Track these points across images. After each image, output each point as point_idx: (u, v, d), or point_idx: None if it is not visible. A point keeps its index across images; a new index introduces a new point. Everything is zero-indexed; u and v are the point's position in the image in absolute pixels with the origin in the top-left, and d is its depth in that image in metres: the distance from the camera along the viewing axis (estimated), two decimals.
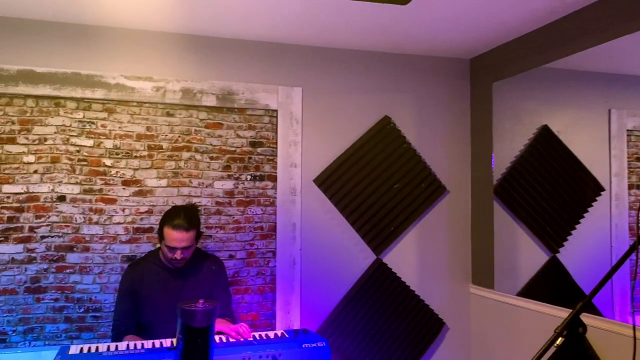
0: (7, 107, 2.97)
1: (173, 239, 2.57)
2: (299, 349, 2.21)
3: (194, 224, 2.64)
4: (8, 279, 2.93)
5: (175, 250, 2.60)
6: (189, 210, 2.70)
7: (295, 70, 3.45)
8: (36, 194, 2.99)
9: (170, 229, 2.58)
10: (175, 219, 2.59)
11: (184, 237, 2.58)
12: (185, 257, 2.63)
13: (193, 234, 2.62)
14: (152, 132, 3.20)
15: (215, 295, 2.68)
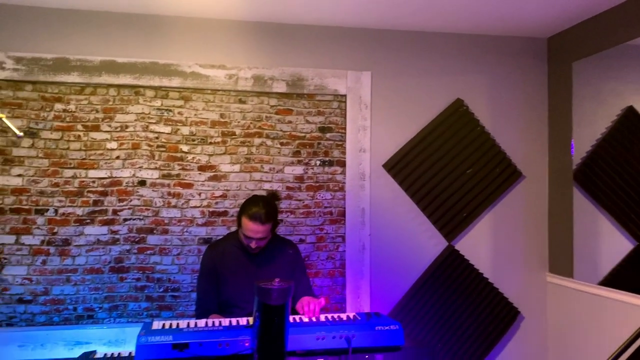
0: (92, 96, 3.14)
1: (249, 229, 2.60)
2: (372, 331, 2.20)
3: (270, 217, 2.63)
4: (94, 259, 3.12)
5: (250, 239, 2.63)
6: (267, 202, 2.69)
7: (364, 54, 3.42)
8: (119, 179, 3.15)
9: (247, 220, 2.59)
10: (253, 209, 2.59)
11: (260, 230, 2.60)
12: (260, 246, 2.66)
13: (269, 227, 2.63)
14: (225, 118, 3.28)
15: (297, 278, 2.71)
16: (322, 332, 2.16)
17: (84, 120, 3.12)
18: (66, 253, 3.09)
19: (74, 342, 3.02)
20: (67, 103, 3.11)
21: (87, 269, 3.10)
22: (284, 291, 1.88)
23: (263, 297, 1.89)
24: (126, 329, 3.08)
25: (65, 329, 3.03)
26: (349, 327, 2.21)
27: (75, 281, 3.09)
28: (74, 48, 3.09)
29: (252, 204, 2.64)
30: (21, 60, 3.02)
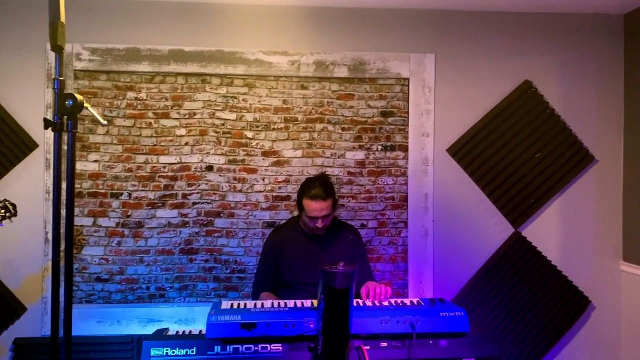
0: (162, 84, 3.26)
1: (313, 209, 2.65)
2: (436, 317, 2.19)
3: (330, 192, 2.70)
4: (166, 241, 3.26)
5: (316, 219, 2.68)
6: (323, 180, 2.76)
7: (428, 37, 3.36)
8: (188, 164, 3.26)
9: (309, 201, 2.65)
10: (312, 190, 2.66)
11: (323, 207, 2.65)
12: (326, 224, 2.70)
13: (331, 202, 2.68)
14: (288, 105, 3.32)
15: (358, 263, 2.74)
16: (386, 317, 2.18)
17: (155, 108, 3.25)
18: (139, 235, 3.25)
19: (147, 319, 3.18)
20: (138, 92, 3.24)
21: (159, 251, 3.25)
22: (349, 275, 1.90)
23: (328, 280, 1.92)
24: (195, 308, 3.21)
25: (139, 307, 3.21)
26: (413, 313, 2.21)
27: (148, 262, 3.25)
28: (144, 38, 3.21)
29: (309, 186, 2.70)
30: (96, 51, 3.17)
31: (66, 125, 1.42)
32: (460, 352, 2.23)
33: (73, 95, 1.41)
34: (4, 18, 3.13)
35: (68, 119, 1.43)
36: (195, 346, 2.14)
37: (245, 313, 2.18)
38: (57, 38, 1.40)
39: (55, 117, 1.42)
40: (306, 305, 2.33)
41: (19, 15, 3.14)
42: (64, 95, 1.40)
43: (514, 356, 3.37)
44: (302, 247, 2.81)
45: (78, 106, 1.41)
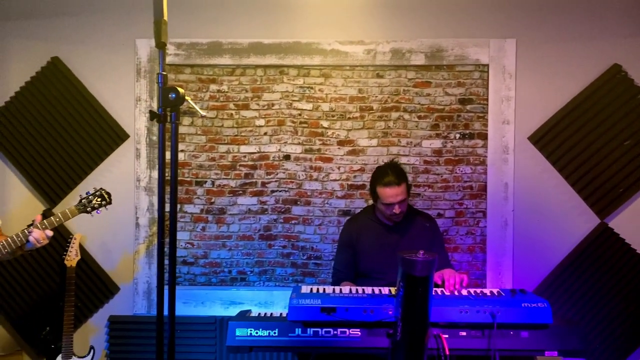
0: (242, 77, 3.37)
1: (388, 195, 2.66)
2: (518, 308, 2.16)
3: (402, 177, 2.69)
4: (246, 227, 3.39)
5: (392, 206, 2.68)
6: (393, 166, 2.76)
7: (508, 21, 3.26)
8: (266, 154, 3.37)
9: (382, 188, 2.66)
10: (384, 177, 2.67)
11: (398, 192, 2.65)
12: (403, 210, 2.70)
13: (404, 187, 2.68)
14: (363, 94, 3.34)
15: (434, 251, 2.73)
16: (466, 306, 2.17)
17: (235, 100, 3.37)
18: (222, 221, 3.40)
19: (229, 301, 3.33)
20: (220, 84, 3.38)
21: (240, 236, 3.39)
22: (429, 263, 1.91)
23: (407, 268, 1.93)
24: (274, 292, 3.33)
25: (221, 289, 3.36)
26: (493, 303, 2.19)
27: (230, 246, 3.40)
28: (226, 32, 3.33)
29: (381, 173, 2.70)
30: (181, 45, 3.33)
31: (170, 117, 1.52)
32: (542, 344, 2.18)
33: (175, 89, 1.51)
34: (96, 16, 3.35)
35: (171, 111, 1.53)
36: (277, 328, 2.24)
37: (325, 297, 2.24)
38: (161, 35, 1.49)
39: (159, 109, 1.52)
40: (384, 292, 2.36)
41: (109, 13, 3.35)
42: (167, 89, 1.50)
43: (598, 352, 3.23)
44: (378, 236, 2.83)
45: (180, 99, 1.51)
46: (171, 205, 1.59)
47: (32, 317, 3.37)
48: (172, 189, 1.57)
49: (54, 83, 3.33)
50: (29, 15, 3.37)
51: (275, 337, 2.24)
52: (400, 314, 2.01)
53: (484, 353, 2.16)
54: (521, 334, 2.18)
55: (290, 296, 2.26)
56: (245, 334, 2.25)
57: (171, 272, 1.60)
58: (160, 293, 1.62)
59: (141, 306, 3.36)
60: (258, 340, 2.24)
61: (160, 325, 1.61)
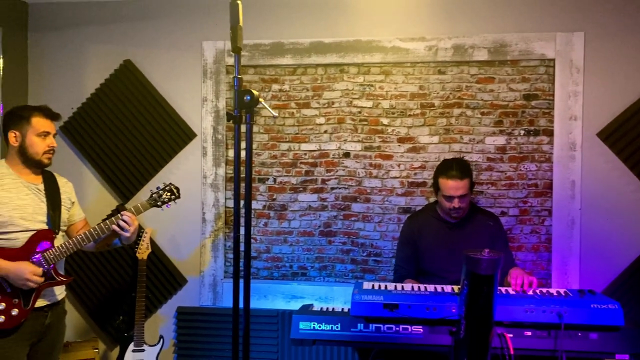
0: (303, 76, 3.44)
1: (449, 187, 2.66)
2: (586, 309, 2.11)
3: (467, 173, 2.69)
4: (307, 223, 3.46)
5: (452, 199, 2.67)
6: (459, 160, 2.78)
7: (576, 14, 3.15)
8: (326, 151, 3.42)
9: (445, 179, 2.67)
10: (448, 170, 2.68)
11: (459, 185, 2.65)
12: (462, 206, 2.69)
13: (467, 182, 2.67)
14: (424, 90, 3.33)
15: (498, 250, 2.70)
16: (532, 305, 2.14)
17: (297, 99, 3.44)
18: (283, 217, 3.49)
19: (291, 295, 3.41)
20: (282, 83, 3.45)
21: (301, 232, 3.46)
22: (494, 262, 1.90)
23: (472, 266, 1.93)
24: (334, 288, 3.38)
25: (283, 284, 3.44)
26: (560, 303, 2.15)
27: (291, 242, 3.48)
28: (287, 32, 3.40)
29: (446, 166, 2.71)
30: (245, 47, 3.42)
31: (244, 118, 1.59)
32: (612, 347, 2.13)
33: (250, 91, 1.58)
34: (164, 21, 3.50)
35: (246, 112, 1.60)
36: (339, 322, 2.28)
37: (387, 294, 2.27)
38: (237, 40, 1.56)
39: (235, 110, 1.60)
40: (447, 290, 2.36)
41: (177, 17, 3.49)
42: (243, 92, 1.57)
43: None
44: (439, 234, 2.83)
45: (254, 101, 1.57)
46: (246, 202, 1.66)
47: (106, 307, 3.58)
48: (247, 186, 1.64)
49: (126, 85, 3.51)
50: (104, 22, 3.56)
51: (337, 331, 2.29)
52: (463, 312, 2.01)
53: (550, 354, 2.12)
54: (590, 336, 2.12)
55: (353, 292, 2.30)
56: (309, 328, 2.31)
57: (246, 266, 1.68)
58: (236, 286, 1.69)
59: (207, 298, 3.49)
60: (321, 333, 2.30)
61: (235, 317, 1.68)
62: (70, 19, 3.59)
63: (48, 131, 2.46)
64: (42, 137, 2.44)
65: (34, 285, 2.33)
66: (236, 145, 1.68)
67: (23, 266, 2.30)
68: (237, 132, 1.65)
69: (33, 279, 2.31)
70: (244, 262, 1.72)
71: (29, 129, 2.42)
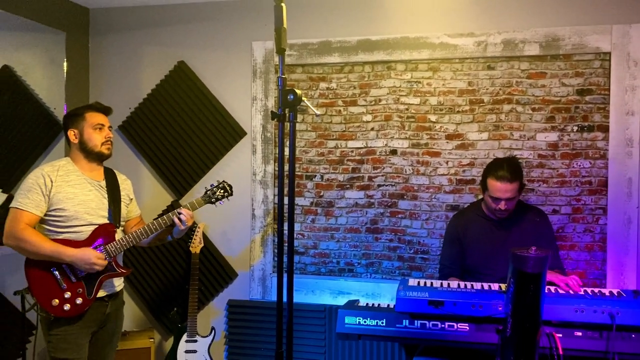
0: (350, 74, 3.47)
1: (497, 189, 2.62)
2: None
3: (517, 176, 2.64)
4: (353, 220, 3.49)
5: (499, 201, 2.64)
6: (511, 162, 2.71)
7: (634, 5, 3.03)
8: (373, 148, 3.44)
9: (493, 180, 2.63)
10: (498, 171, 2.63)
11: (508, 188, 2.61)
12: (508, 208, 2.66)
13: (516, 186, 2.62)
14: (473, 86, 3.29)
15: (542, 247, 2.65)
16: (582, 305, 2.10)
17: (344, 97, 3.48)
18: (330, 213, 3.53)
19: (337, 291, 3.46)
20: (329, 82, 3.50)
21: (347, 229, 3.50)
22: (541, 260, 1.88)
23: (519, 264, 1.91)
24: (381, 284, 3.40)
25: (330, 279, 3.49)
26: (612, 303, 2.10)
27: (338, 238, 3.52)
28: (335, 31, 3.44)
29: (497, 166, 2.66)
30: (293, 46, 3.49)
31: (288, 117, 1.64)
32: None
33: (294, 91, 1.63)
34: (215, 22, 3.61)
35: (289, 111, 1.65)
36: (384, 318, 2.31)
37: (433, 291, 2.28)
38: (282, 42, 1.62)
39: (279, 109, 1.65)
40: (493, 288, 2.34)
41: (227, 19, 3.59)
42: (287, 91, 1.62)
43: None
44: (485, 231, 2.80)
45: (297, 99, 1.63)
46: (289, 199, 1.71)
47: (161, 299, 3.74)
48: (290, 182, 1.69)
49: (180, 85, 3.65)
50: (159, 24, 3.71)
51: (382, 326, 2.32)
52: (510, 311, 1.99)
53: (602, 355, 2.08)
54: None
55: (398, 288, 2.32)
56: (354, 323, 2.35)
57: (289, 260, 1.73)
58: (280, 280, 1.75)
59: (256, 292, 3.59)
60: (366, 328, 2.33)
61: (280, 311, 1.74)
62: (128, 23, 3.76)
63: (102, 123, 2.61)
64: (97, 130, 2.59)
65: (99, 268, 2.47)
66: (280, 143, 1.73)
67: (88, 252, 2.46)
68: (281, 130, 1.71)
69: (98, 262, 2.46)
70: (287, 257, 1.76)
71: (84, 124, 2.58)
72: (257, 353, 3.51)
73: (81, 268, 2.46)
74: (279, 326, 1.80)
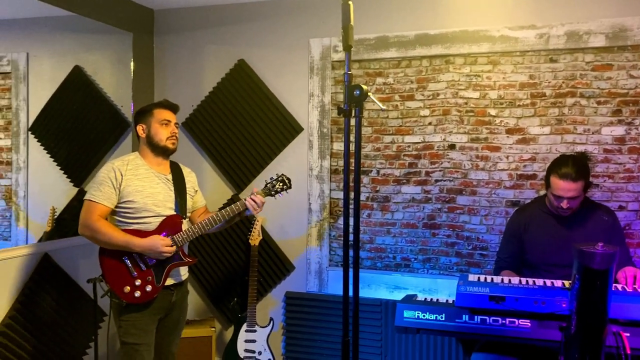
0: (407, 68, 3.46)
1: (559, 188, 2.55)
2: None
3: (582, 175, 2.54)
4: (410, 215, 3.49)
5: (561, 199, 2.57)
6: (578, 160, 2.61)
7: None
8: (430, 143, 3.42)
9: (556, 178, 2.55)
10: (562, 168, 2.55)
11: (571, 187, 2.53)
12: (571, 207, 2.58)
13: (581, 185, 2.54)
14: (534, 80, 3.22)
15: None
16: None
17: (400, 91, 3.48)
18: (386, 208, 3.54)
19: (394, 286, 3.47)
20: (386, 77, 3.50)
21: (404, 224, 3.50)
22: (609, 256, 1.83)
23: (585, 260, 1.87)
24: (438, 280, 3.38)
25: (386, 274, 3.51)
26: None
27: (394, 233, 3.53)
28: (392, 26, 3.44)
29: (561, 163, 2.58)
30: None
31: (354, 112, 1.68)
32: None
33: (360, 86, 1.66)
34: (274, 21, 3.69)
35: (355, 106, 1.69)
36: (444, 312, 2.31)
37: (493, 286, 2.25)
38: (349, 39, 1.66)
39: (345, 105, 1.69)
40: (557, 284, 2.29)
41: (285, 17, 3.66)
42: (353, 87, 1.66)
43: None
44: (548, 228, 2.74)
45: (363, 95, 1.66)
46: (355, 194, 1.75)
47: (222, 289, 3.87)
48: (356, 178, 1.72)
49: (240, 83, 3.75)
50: (219, 24, 3.83)
51: (441, 321, 2.32)
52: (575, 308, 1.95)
53: None
54: None
55: (458, 283, 2.31)
56: (413, 316, 2.36)
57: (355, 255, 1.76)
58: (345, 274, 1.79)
59: (313, 284, 3.65)
60: (425, 323, 2.34)
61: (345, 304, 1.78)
62: (190, 23, 3.90)
63: (169, 119, 2.73)
64: (163, 125, 2.71)
65: (168, 254, 2.60)
66: (346, 138, 1.76)
67: (156, 239, 2.58)
68: (347, 126, 1.74)
69: (165, 249, 2.58)
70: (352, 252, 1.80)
71: (152, 119, 2.70)
72: (314, 345, 3.57)
73: (150, 256, 2.59)
74: (345, 316, 1.84)
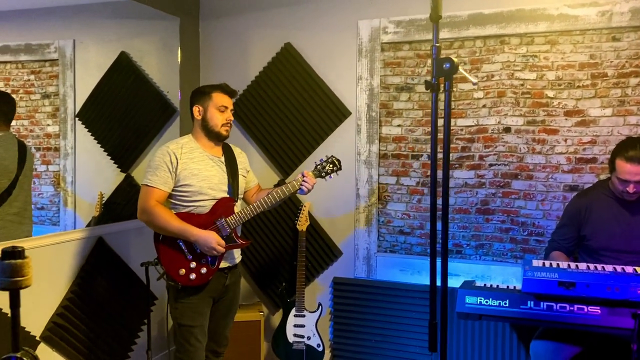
0: (460, 49, 3.36)
1: (626, 171, 2.49)
2: None
3: None
4: (462, 200, 3.41)
5: (627, 183, 2.51)
6: None
7: None
8: (484, 126, 3.32)
9: (622, 161, 2.50)
10: (629, 151, 2.49)
11: (638, 171, 2.46)
12: (638, 191, 2.51)
13: None
14: (595, 59, 3.08)
15: None
16: None
17: None
18: (437, 194, 3.46)
19: None
20: None
21: (456, 209, 3.42)
22: None
23: None
24: (491, 267, 3.30)
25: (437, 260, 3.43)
26: None
27: None
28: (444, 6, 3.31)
29: (628, 145, 2.53)
30: (400, 23, 3.43)
31: (443, 86, 1.61)
32: None
33: (450, 59, 1.60)
34: (321, 2, 3.62)
35: (445, 80, 1.62)
36: (508, 298, 2.25)
37: (562, 272, 2.18)
38: (438, 9, 1.60)
39: (433, 79, 1.63)
40: (628, 270, 2.20)
41: None
42: (442, 59, 1.59)
43: None
44: (612, 212, 2.66)
45: (454, 68, 1.59)
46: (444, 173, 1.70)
47: (269, 274, 3.87)
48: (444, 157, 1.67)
49: (286, 67, 3.71)
50: (266, 7, 3.79)
51: (505, 307, 2.26)
52: None
53: None
54: None
55: (523, 268, 2.25)
56: (475, 302, 2.30)
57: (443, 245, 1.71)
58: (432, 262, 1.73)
59: (361, 270, 3.61)
60: (488, 309, 2.28)
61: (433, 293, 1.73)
62: (236, 6, 3.87)
63: (226, 106, 2.71)
64: (220, 111, 2.69)
65: (217, 254, 2.59)
66: (433, 114, 1.70)
67: (212, 236, 2.57)
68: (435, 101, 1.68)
69: (218, 248, 2.57)
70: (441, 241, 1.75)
71: (210, 103, 2.68)
72: (362, 330, 3.54)
73: (201, 249, 2.58)
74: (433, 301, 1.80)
